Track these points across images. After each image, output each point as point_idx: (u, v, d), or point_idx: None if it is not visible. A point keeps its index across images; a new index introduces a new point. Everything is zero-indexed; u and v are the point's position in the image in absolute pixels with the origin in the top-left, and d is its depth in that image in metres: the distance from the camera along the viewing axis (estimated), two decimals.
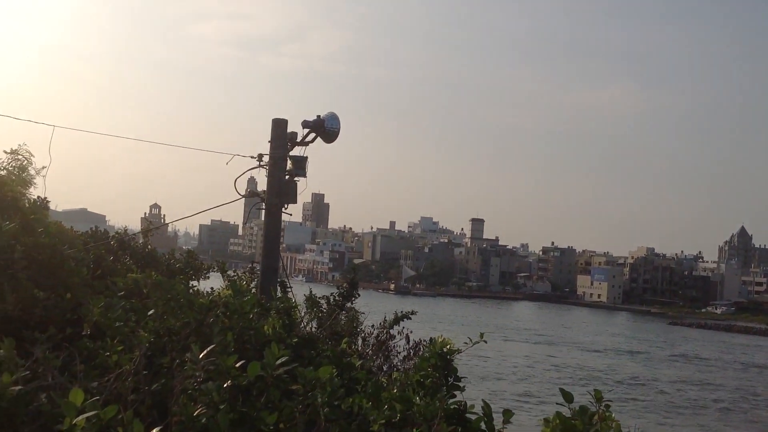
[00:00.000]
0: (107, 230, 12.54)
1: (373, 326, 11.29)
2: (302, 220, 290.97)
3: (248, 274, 13.04)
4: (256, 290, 11.11)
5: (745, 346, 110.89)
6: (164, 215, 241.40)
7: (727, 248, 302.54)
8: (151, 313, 5.11)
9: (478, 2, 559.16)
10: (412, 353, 10.73)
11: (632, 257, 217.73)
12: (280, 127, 12.42)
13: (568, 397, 4.44)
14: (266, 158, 12.37)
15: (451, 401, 4.47)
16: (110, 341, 4.36)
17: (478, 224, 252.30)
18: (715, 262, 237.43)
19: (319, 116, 12.61)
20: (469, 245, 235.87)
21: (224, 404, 3.45)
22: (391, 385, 4.92)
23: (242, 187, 12.68)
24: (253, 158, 12.47)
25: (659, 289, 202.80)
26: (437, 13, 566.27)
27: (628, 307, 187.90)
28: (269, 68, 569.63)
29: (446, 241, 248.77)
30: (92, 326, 4.71)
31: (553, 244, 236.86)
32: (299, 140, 12.55)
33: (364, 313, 11.69)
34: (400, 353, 11.00)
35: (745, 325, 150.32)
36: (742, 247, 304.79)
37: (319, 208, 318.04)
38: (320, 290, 12.46)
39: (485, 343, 5.35)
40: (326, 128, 12.60)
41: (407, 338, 11.49)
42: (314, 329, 9.72)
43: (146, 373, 4.04)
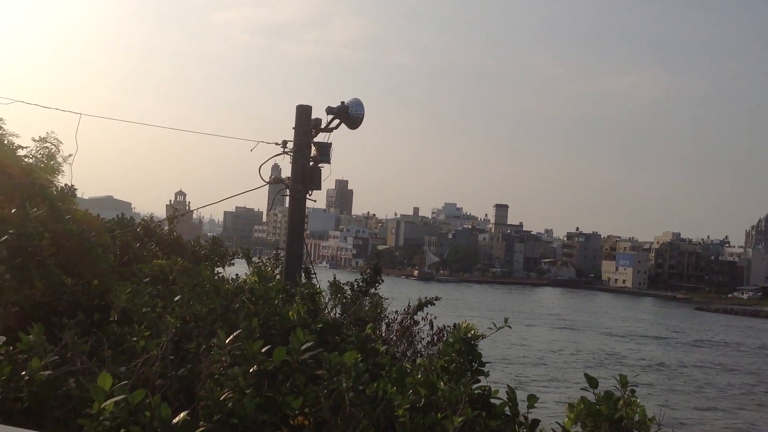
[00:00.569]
0: (133, 217, 12.66)
1: (396, 312, 11.32)
2: (326, 206, 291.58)
3: (273, 260, 13.11)
4: (280, 276, 11.17)
5: None
6: (189, 202, 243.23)
7: (754, 233, 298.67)
8: (177, 298, 5.16)
9: None
10: (435, 339, 10.75)
11: (658, 242, 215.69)
12: (304, 113, 12.42)
13: (593, 382, 4.42)
14: (290, 145, 12.38)
15: (475, 386, 4.48)
16: (137, 327, 4.42)
17: (502, 210, 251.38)
18: (741, 247, 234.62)
19: (343, 102, 12.60)
20: (493, 231, 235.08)
21: (250, 389, 3.48)
22: (415, 370, 4.94)
23: (267, 173, 12.72)
24: (277, 145, 12.49)
25: (685, 274, 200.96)
26: None
27: (653, 292, 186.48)
28: (292, 55, 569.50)
29: (470, 227, 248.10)
30: (119, 312, 4.77)
31: (577, 229, 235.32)
32: (323, 126, 12.55)
33: (387, 299, 11.72)
34: (423, 339, 11.03)
35: None
36: None
37: (342, 194, 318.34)
38: (344, 276, 12.50)
39: (509, 328, 5.35)
40: (350, 114, 12.59)
41: (431, 324, 11.52)
42: (338, 315, 9.77)
43: (173, 358, 4.09)
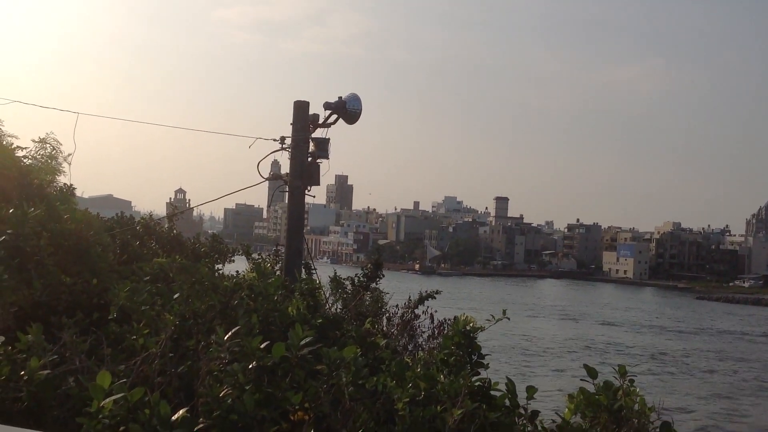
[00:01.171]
0: (133, 216, 12.67)
1: (397, 306, 11.33)
2: (326, 202, 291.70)
3: (273, 256, 13.12)
4: (280, 272, 11.18)
5: None
6: (189, 200, 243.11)
7: (754, 221, 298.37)
8: (176, 296, 5.16)
9: None
10: (436, 332, 10.75)
11: (658, 232, 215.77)
12: (301, 109, 12.42)
13: (592, 372, 4.44)
14: (288, 141, 12.38)
15: (475, 378, 4.49)
16: (136, 325, 4.42)
17: (502, 203, 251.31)
18: (742, 235, 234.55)
19: (340, 98, 12.60)
20: (493, 224, 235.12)
21: (250, 385, 3.48)
22: (415, 364, 4.94)
23: (266, 170, 12.73)
24: (275, 141, 12.50)
25: (686, 263, 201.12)
26: None
27: (654, 282, 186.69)
28: (290, 52, 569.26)
29: (470, 220, 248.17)
30: (118, 310, 4.77)
31: (578, 221, 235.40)
32: (321, 122, 12.55)
33: (388, 293, 11.73)
34: (424, 333, 11.03)
35: None
36: None
37: (342, 189, 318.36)
38: (345, 272, 12.51)
39: (508, 320, 5.36)
40: (348, 109, 12.59)
41: (431, 318, 11.52)
42: (339, 310, 9.77)
43: (172, 355, 4.09)
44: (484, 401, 4.34)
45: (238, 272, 8.90)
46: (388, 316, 11.05)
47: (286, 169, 12.78)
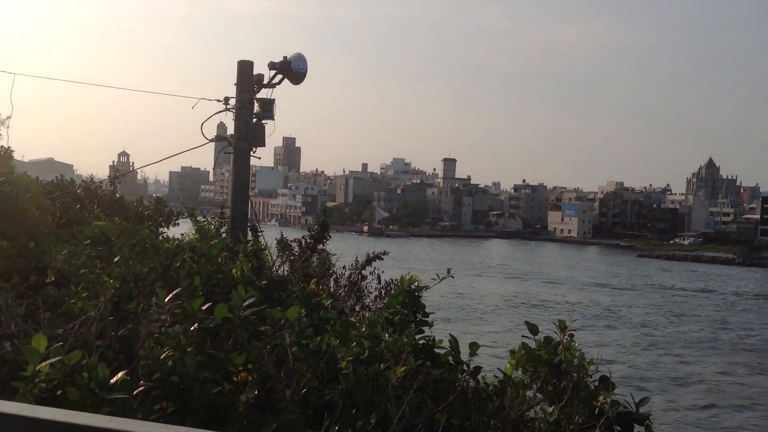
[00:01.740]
0: (74, 179, 12.37)
1: (344, 268, 11.34)
2: (274, 164, 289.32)
3: (218, 219, 12.96)
4: (226, 235, 11.07)
5: (714, 275, 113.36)
6: (133, 163, 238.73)
7: (694, 180, 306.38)
8: (116, 259, 5.07)
9: None
10: (383, 293, 10.82)
11: (602, 192, 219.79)
12: (245, 69, 12.23)
13: (533, 329, 4.52)
14: (233, 102, 12.20)
15: (419, 337, 4.53)
16: (75, 288, 4.34)
17: (450, 164, 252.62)
18: (683, 194, 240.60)
19: (285, 57, 12.43)
20: (441, 185, 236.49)
21: (191, 347, 3.46)
22: (360, 323, 4.97)
23: (211, 132, 12.54)
24: (219, 102, 12.30)
25: (628, 222, 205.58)
26: None
27: (598, 241, 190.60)
28: (237, 10, 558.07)
29: (419, 181, 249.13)
30: (57, 274, 4.67)
31: (524, 181, 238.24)
32: (266, 82, 12.38)
33: (336, 254, 11.73)
34: (372, 293, 11.09)
35: (712, 255, 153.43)
36: (709, 178, 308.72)
37: (290, 152, 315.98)
38: (293, 234, 12.45)
39: (452, 278, 5.41)
40: (293, 69, 12.43)
41: (379, 278, 11.59)
42: (286, 272, 9.75)
43: (112, 318, 4.03)
44: (428, 359, 4.39)
45: (183, 235, 8.79)
46: (335, 277, 11.06)
47: (232, 130, 12.60)
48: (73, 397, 2.88)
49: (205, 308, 3.84)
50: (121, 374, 2.96)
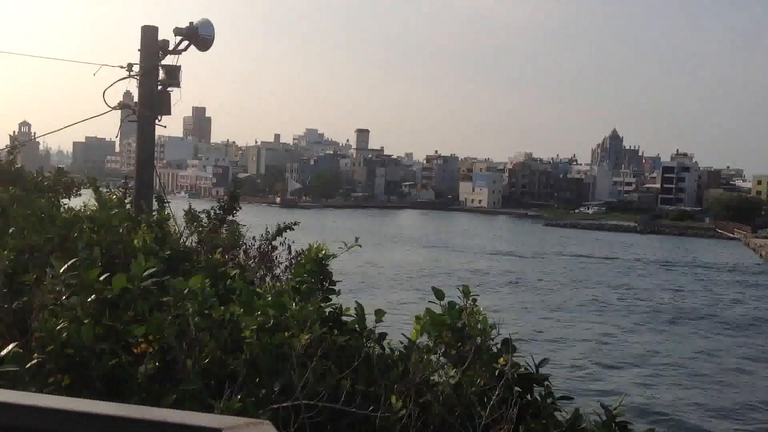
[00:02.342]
0: None
1: (254, 239, 11.24)
2: (183, 134, 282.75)
3: (122, 189, 12.61)
4: (131, 207, 10.79)
5: (616, 243, 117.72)
6: (35, 133, 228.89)
7: (599, 151, 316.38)
8: (11, 230, 4.87)
9: None
10: (294, 263, 10.78)
11: (511, 163, 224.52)
12: (150, 35, 11.89)
13: (439, 294, 4.59)
14: (137, 68, 11.85)
15: (326, 305, 4.54)
16: None
17: (363, 135, 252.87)
18: (588, 164, 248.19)
19: (191, 23, 12.13)
20: (354, 156, 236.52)
21: (88, 318, 3.36)
22: (266, 292, 4.94)
23: (116, 100, 12.15)
24: (122, 68, 11.93)
25: (536, 192, 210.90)
26: None
27: (507, 210, 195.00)
28: None
29: (332, 152, 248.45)
30: None
31: (436, 152, 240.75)
32: (171, 49, 12.07)
33: (246, 225, 11.61)
34: (282, 263, 11.03)
35: (615, 223, 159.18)
36: (613, 149, 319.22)
37: (200, 122, 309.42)
38: (203, 205, 12.27)
39: (360, 247, 5.43)
40: (200, 35, 12.16)
41: (289, 249, 11.53)
42: (194, 244, 9.59)
43: (6, 291, 3.88)
44: (335, 327, 4.41)
45: (83, 205, 8.51)
46: (245, 248, 10.94)
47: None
48: None
49: (103, 279, 3.74)
50: (11, 346, 2.86)
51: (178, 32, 11.99)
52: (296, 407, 3.31)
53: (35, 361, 3.05)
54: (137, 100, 12.09)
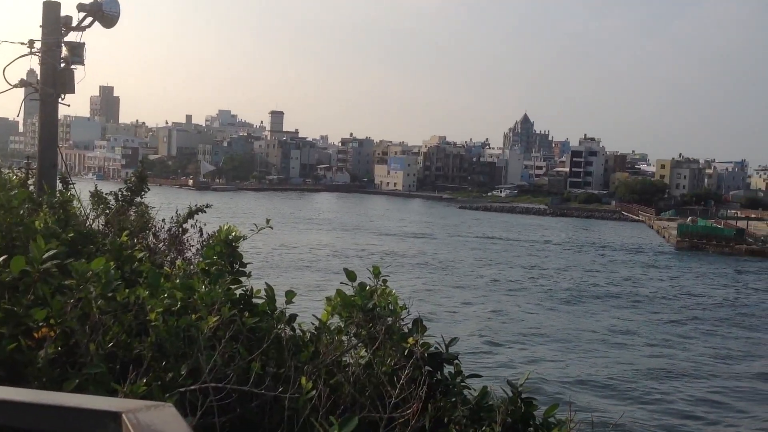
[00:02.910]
0: None
1: (164, 221, 11.00)
2: (90, 114, 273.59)
3: (24, 170, 12.13)
4: (34, 188, 10.40)
5: (527, 225, 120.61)
6: None
7: (511, 135, 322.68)
8: None
9: None
10: (205, 246, 10.61)
11: (426, 146, 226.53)
12: (52, 10, 11.46)
13: (351, 275, 4.62)
14: (38, 45, 11.40)
15: (237, 287, 4.50)
16: None
17: (277, 117, 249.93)
18: (500, 148, 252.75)
19: None
20: (268, 138, 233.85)
21: None
22: (174, 275, 4.85)
23: (18, 78, 11.66)
24: (23, 45, 11.44)
25: (450, 176, 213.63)
26: None
27: (422, 194, 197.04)
28: None
29: (245, 134, 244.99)
30: None
31: (351, 135, 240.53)
32: (75, 25, 11.67)
33: (156, 208, 11.36)
34: (193, 246, 10.85)
35: (526, 206, 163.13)
36: (524, 133, 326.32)
37: (108, 101, 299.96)
38: (111, 187, 11.95)
39: (271, 229, 5.39)
40: (104, 12, 11.77)
41: (201, 231, 11.34)
42: (101, 226, 9.33)
43: None
44: (245, 309, 4.37)
45: None
46: (154, 231, 10.71)
47: None
48: None
49: (1, 261, 3.60)
50: None
51: (81, 8, 11.60)
52: (204, 390, 3.28)
53: None
54: (39, 78, 11.63)
